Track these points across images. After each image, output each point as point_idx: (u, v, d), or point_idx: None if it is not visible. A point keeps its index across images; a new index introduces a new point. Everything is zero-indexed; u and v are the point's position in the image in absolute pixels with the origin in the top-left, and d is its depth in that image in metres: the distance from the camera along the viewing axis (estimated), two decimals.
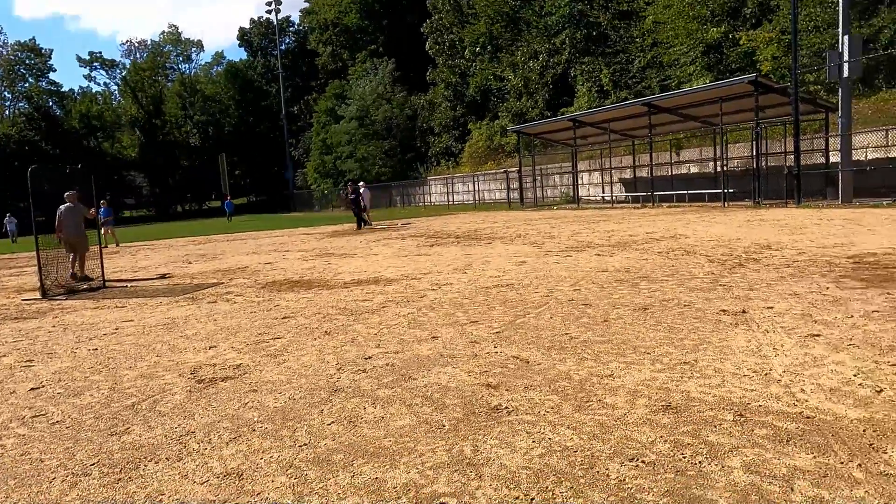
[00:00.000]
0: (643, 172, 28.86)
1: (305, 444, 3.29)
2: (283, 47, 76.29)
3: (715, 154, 26.35)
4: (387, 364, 4.70)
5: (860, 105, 24.07)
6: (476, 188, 42.42)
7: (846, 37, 17.79)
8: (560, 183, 36.66)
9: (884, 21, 23.65)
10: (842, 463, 2.73)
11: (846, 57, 17.77)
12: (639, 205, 27.14)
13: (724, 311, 5.70)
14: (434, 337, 5.44)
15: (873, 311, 5.30)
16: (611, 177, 31.92)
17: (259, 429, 3.57)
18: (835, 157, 20.57)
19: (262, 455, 3.20)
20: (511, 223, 21.06)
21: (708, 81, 28.14)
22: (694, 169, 28.71)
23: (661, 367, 4.21)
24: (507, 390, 3.93)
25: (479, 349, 4.94)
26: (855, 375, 3.80)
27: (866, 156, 20.71)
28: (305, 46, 73.89)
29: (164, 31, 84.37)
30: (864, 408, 3.31)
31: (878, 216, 14.20)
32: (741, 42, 28.36)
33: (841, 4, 18.31)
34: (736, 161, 25.79)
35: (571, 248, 11.66)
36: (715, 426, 3.19)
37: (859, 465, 2.70)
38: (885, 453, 2.80)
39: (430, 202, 49.03)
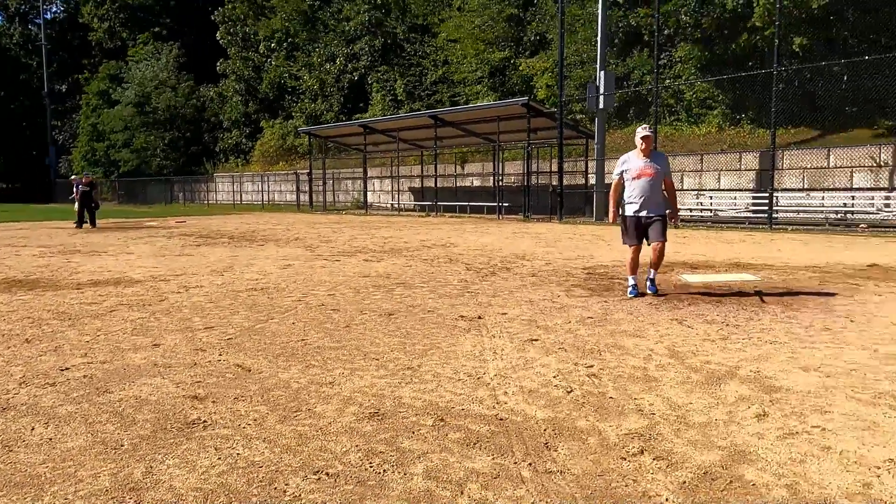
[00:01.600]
0: (430, 182, 29.88)
1: None
2: (48, 15, 67.44)
3: (494, 169, 28.10)
4: (85, 376, 4.13)
5: (616, 135, 27.20)
6: (266, 188, 40.91)
7: (602, 73, 19.97)
8: (352, 188, 36.68)
9: (635, 62, 27.01)
10: (515, 463, 2.84)
11: (601, 90, 19.94)
12: (424, 213, 28.02)
13: (462, 316, 5.91)
14: (156, 345, 4.94)
15: (588, 318, 5.82)
16: (399, 185, 32.61)
17: None
18: (592, 179, 22.97)
19: None
20: (294, 226, 20.50)
21: (492, 101, 29.98)
22: (477, 182, 30.37)
23: (384, 372, 4.19)
24: (213, 402, 3.63)
25: (202, 357, 4.56)
26: (554, 377, 4.08)
27: None
28: (77, 19, 65.90)
29: None
30: (552, 408, 3.53)
31: (618, 232, 16.01)
32: (521, 68, 30.64)
33: (599, 44, 20.55)
34: (512, 177, 27.73)
35: (343, 253, 11.56)
36: (413, 432, 3.19)
37: (530, 464, 2.83)
38: (556, 451, 2.97)
39: (216, 200, 46.30)
